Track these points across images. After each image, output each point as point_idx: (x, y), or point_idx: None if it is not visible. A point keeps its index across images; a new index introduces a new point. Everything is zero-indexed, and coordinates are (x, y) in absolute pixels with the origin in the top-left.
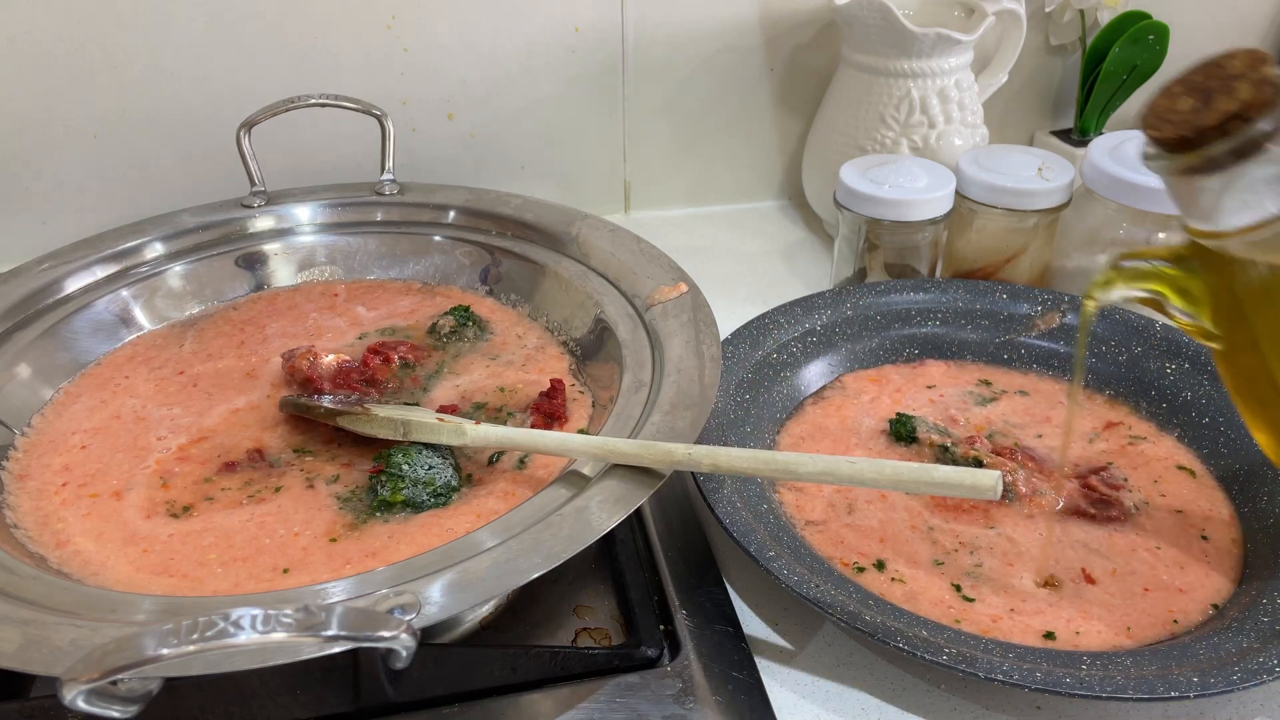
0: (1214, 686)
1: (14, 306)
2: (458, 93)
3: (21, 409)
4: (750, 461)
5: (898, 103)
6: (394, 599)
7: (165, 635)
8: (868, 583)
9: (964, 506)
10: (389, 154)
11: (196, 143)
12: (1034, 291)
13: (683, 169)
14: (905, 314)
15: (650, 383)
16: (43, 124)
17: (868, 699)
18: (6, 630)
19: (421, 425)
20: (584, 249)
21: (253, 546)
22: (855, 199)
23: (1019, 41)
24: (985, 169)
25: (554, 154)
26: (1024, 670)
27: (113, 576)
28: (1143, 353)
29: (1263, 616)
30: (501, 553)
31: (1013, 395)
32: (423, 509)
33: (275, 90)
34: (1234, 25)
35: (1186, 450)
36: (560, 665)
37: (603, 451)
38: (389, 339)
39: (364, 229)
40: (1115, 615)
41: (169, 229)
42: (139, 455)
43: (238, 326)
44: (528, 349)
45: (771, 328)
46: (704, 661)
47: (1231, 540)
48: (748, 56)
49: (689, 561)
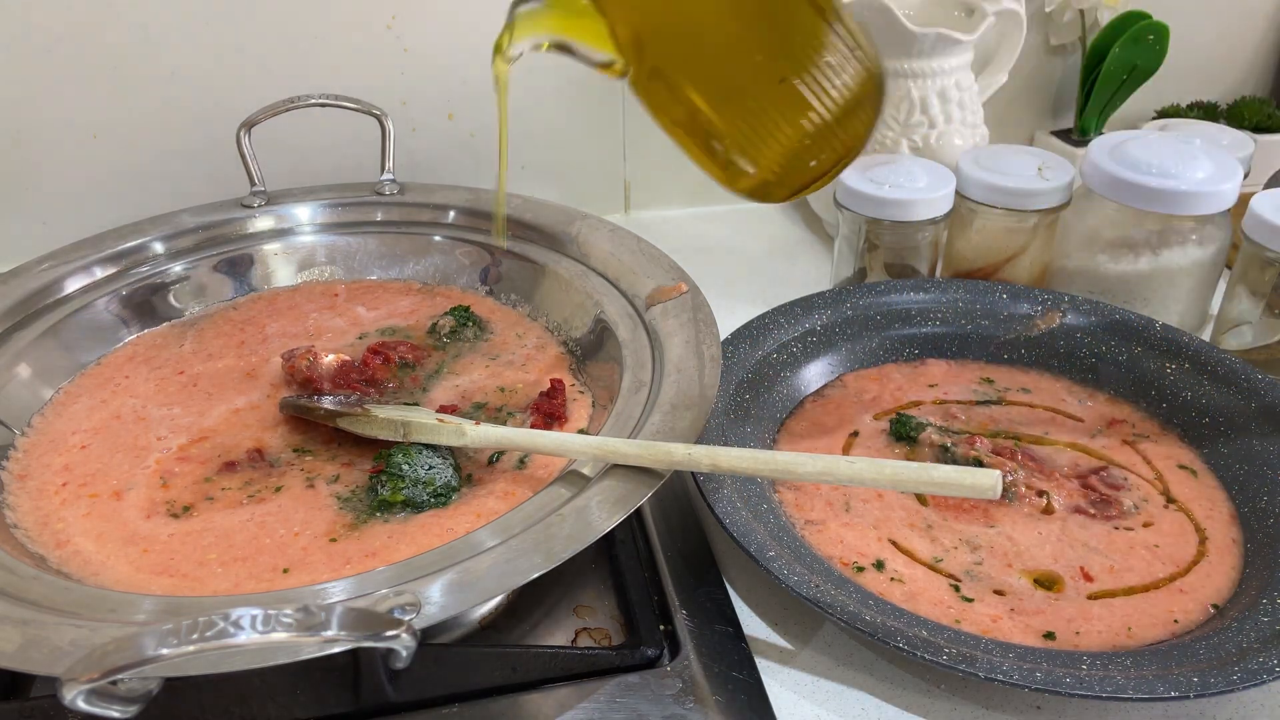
0: (1214, 686)
1: (14, 306)
2: (458, 93)
3: (21, 409)
4: (750, 461)
5: (898, 103)
6: (394, 599)
7: (165, 635)
8: (867, 583)
9: (964, 506)
10: (389, 154)
11: (196, 143)
12: (1034, 291)
13: (683, 169)
14: (905, 314)
15: (650, 383)
16: (43, 124)
17: (868, 699)
18: (6, 630)
19: (421, 426)
20: (584, 249)
21: (253, 546)
22: (855, 199)
23: (1019, 41)
24: (985, 169)
25: (554, 154)
26: (1024, 670)
27: (113, 576)
28: (1143, 353)
29: (1263, 616)
30: (501, 553)
31: (1014, 394)
32: (423, 509)
33: (275, 90)
34: (1234, 25)
35: (1188, 449)
36: (560, 665)
37: (602, 451)
38: (389, 339)
39: (364, 229)
40: (1115, 615)
41: (169, 229)
42: (139, 455)
43: (238, 326)
44: (528, 349)
45: (771, 328)
46: (704, 661)
47: (1231, 540)
48: None
49: (689, 561)
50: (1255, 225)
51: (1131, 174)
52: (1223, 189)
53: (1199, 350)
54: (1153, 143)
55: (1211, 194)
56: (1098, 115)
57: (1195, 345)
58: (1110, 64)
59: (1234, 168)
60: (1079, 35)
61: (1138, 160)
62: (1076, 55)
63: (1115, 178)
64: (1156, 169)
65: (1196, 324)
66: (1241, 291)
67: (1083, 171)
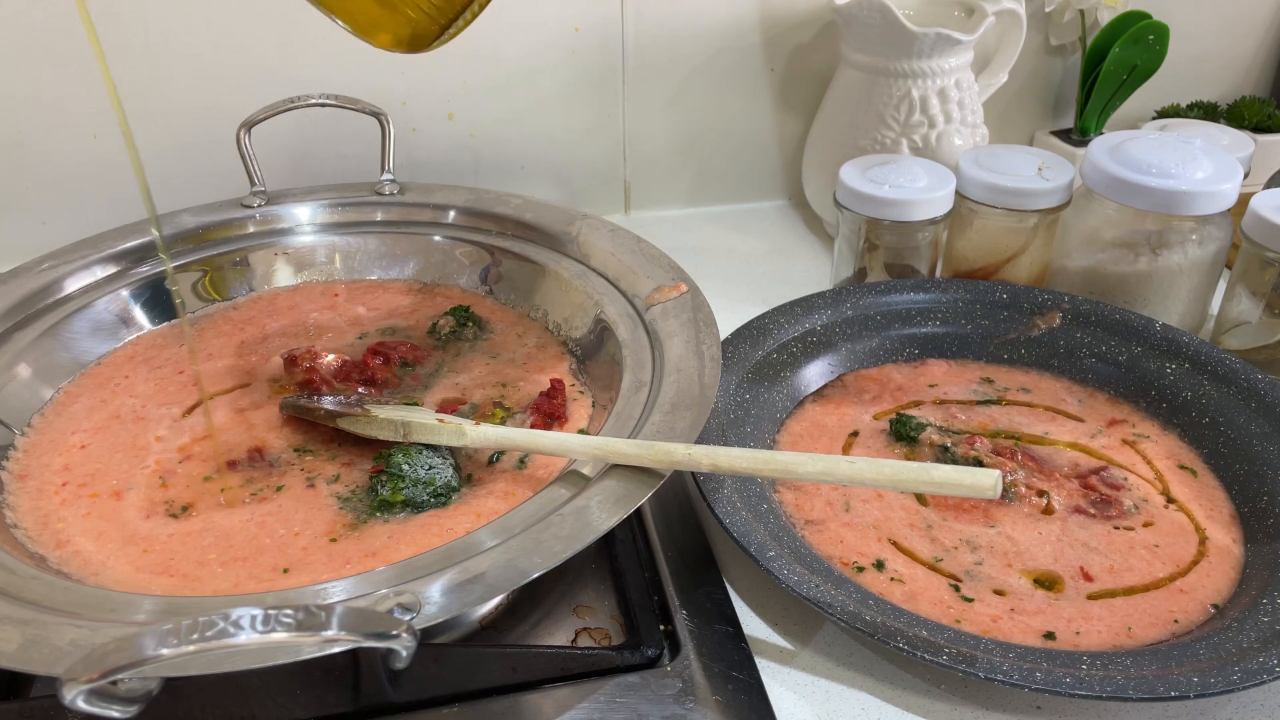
0: (1214, 686)
1: (14, 306)
2: (458, 93)
3: (21, 409)
4: (750, 461)
5: (898, 103)
6: (394, 599)
7: (165, 635)
8: (867, 582)
9: (964, 506)
10: (389, 154)
11: (196, 142)
12: (1034, 291)
13: (683, 169)
14: (905, 314)
15: (650, 383)
16: (43, 124)
17: (868, 699)
18: (6, 630)
19: (421, 426)
20: (584, 249)
21: (252, 546)
22: (855, 199)
23: (1019, 41)
24: (985, 169)
25: (554, 154)
26: (1024, 670)
27: (112, 576)
28: (1143, 353)
29: (1263, 616)
30: (501, 553)
31: (1014, 394)
32: (423, 509)
33: (275, 90)
34: (1234, 25)
35: (1188, 449)
36: (560, 665)
37: (602, 452)
38: (389, 339)
39: (364, 229)
40: (1115, 615)
41: (169, 229)
42: (138, 455)
43: (238, 326)
44: (528, 349)
45: (771, 328)
46: (704, 661)
47: (1231, 540)
48: (748, 56)
49: (689, 561)
50: (1255, 225)
51: (1131, 174)
52: (1223, 189)
53: (1199, 350)
54: (1153, 143)
55: (1211, 194)
56: (1098, 115)
57: (1195, 345)
58: (1110, 64)
59: (1234, 168)
60: (1079, 35)
61: (1138, 160)
62: (1076, 55)
63: (1115, 178)
64: (1156, 169)
65: (1196, 324)
66: (1241, 291)
67: (1083, 171)
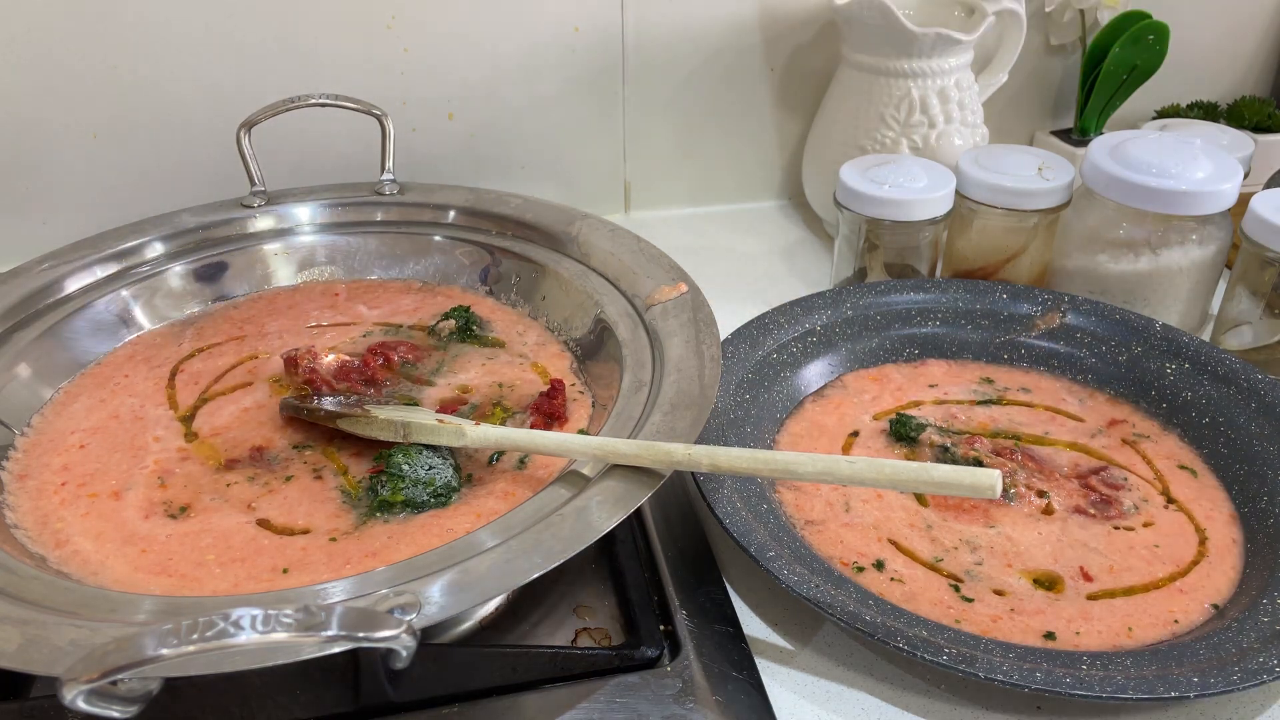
0: (1214, 686)
1: (14, 306)
2: (458, 93)
3: (21, 409)
4: (750, 461)
5: (898, 103)
6: (394, 599)
7: (165, 635)
8: (867, 582)
9: (964, 506)
10: (389, 154)
11: (196, 142)
12: (1034, 291)
13: (683, 169)
14: (905, 314)
15: (650, 383)
16: (43, 124)
17: (868, 699)
18: (6, 630)
19: (421, 426)
20: (584, 249)
21: (252, 547)
22: (855, 199)
23: (1019, 41)
24: (985, 169)
25: (554, 154)
26: (1024, 670)
27: (112, 576)
28: (1143, 353)
29: (1263, 616)
30: (501, 553)
31: (1014, 394)
32: (423, 509)
33: (275, 90)
34: (1234, 25)
35: (1188, 449)
36: (560, 665)
37: (602, 452)
38: (389, 339)
39: (364, 229)
40: (1115, 615)
41: (169, 229)
42: (137, 455)
43: (238, 326)
44: (528, 349)
45: (771, 328)
46: (704, 661)
47: (1231, 540)
48: (748, 56)
49: (689, 561)
50: (1255, 225)
51: (1131, 174)
52: (1223, 189)
53: (1199, 350)
54: (1153, 143)
55: (1211, 194)
56: (1098, 115)
57: (1195, 345)
58: (1110, 64)
59: (1234, 168)
60: (1079, 35)
61: (1138, 160)
62: (1076, 55)
63: (1115, 178)
64: (1156, 169)
65: (1196, 324)
66: (1241, 291)
67: (1083, 171)
